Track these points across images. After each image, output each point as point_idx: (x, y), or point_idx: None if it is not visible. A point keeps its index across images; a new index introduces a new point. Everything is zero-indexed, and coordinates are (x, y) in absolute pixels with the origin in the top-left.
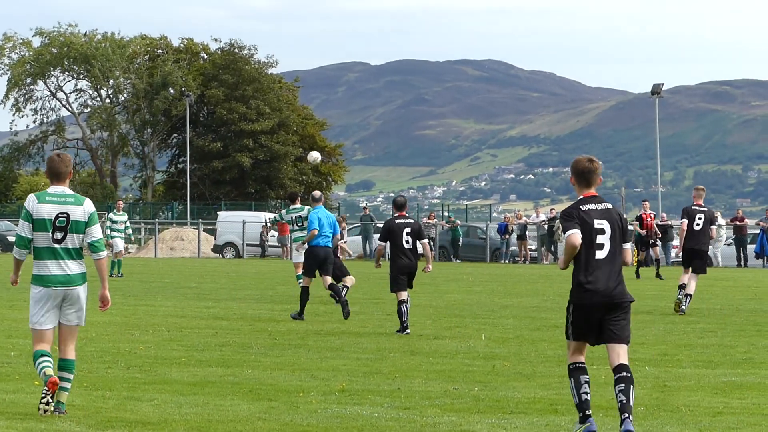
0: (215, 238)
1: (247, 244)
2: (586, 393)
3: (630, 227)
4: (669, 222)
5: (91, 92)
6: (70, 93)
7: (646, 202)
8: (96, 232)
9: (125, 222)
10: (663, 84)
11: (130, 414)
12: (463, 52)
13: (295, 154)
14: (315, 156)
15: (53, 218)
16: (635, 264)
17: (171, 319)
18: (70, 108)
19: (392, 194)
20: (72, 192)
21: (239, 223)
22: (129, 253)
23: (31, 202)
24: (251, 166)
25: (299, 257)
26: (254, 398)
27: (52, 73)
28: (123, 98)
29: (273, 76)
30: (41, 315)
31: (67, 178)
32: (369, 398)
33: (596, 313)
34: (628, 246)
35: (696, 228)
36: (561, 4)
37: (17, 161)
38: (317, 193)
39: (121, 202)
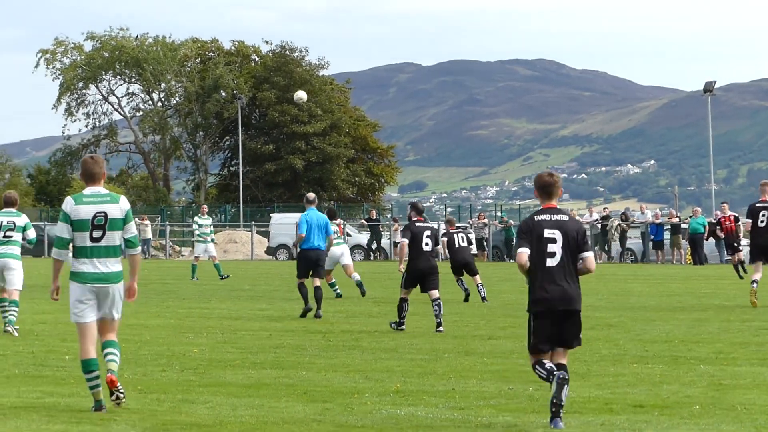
0: (268, 241)
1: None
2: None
3: (684, 226)
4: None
5: (142, 96)
6: (122, 97)
7: (725, 204)
8: (133, 228)
9: (210, 225)
10: (715, 82)
11: (185, 417)
12: (515, 52)
13: (347, 156)
14: (300, 96)
15: (91, 218)
16: (736, 266)
17: (225, 321)
18: (122, 112)
19: (445, 195)
20: (107, 191)
21: (292, 225)
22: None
23: (68, 204)
24: (303, 168)
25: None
26: (309, 400)
27: (103, 77)
28: (175, 101)
29: (324, 78)
30: (80, 309)
31: (101, 178)
32: (424, 399)
33: (553, 318)
34: (589, 254)
35: (761, 225)
36: (611, 3)
37: (70, 165)
38: (311, 195)
39: (205, 206)
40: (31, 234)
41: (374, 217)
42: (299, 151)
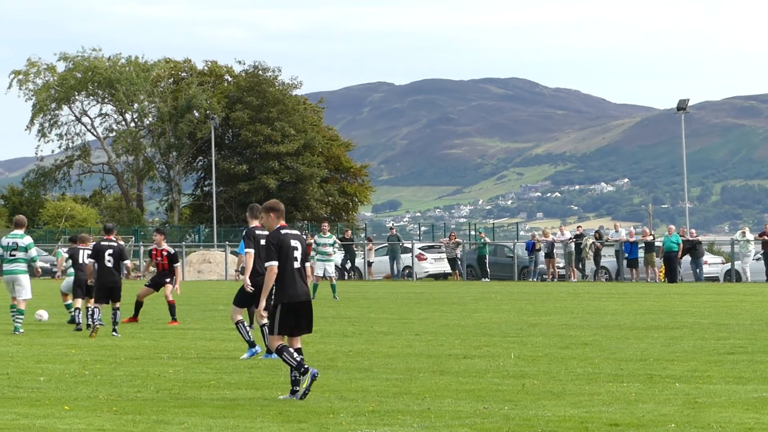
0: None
1: None
2: (297, 356)
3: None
4: (698, 238)
5: (116, 116)
6: (95, 117)
7: None
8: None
9: (331, 244)
10: (688, 100)
11: None
12: (488, 71)
13: (321, 176)
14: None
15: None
16: None
17: (200, 342)
18: (95, 132)
19: (419, 214)
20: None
21: None
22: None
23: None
24: (277, 188)
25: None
26: (284, 420)
27: (76, 97)
28: (148, 122)
29: (297, 98)
30: None
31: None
32: (399, 419)
33: (300, 309)
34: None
35: None
36: (584, 20)
37: (43, 186)
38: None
39: (326, 225)
40: (33, 253)
41: (349, 237)
42: (272, 171)
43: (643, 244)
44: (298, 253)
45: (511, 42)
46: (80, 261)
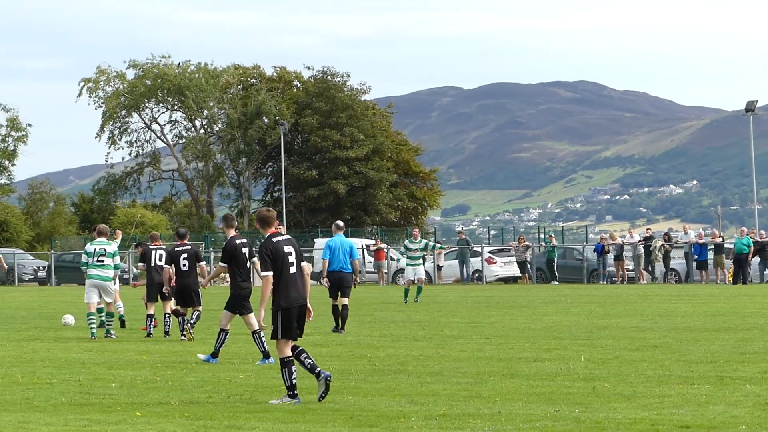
0: (312, 266)
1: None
2: (295, 378)
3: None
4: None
5: (185, 123)
6: (165, 124)
7: None
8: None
9: (422, 249)
10: (757, 101)
11: None
12: (556, 74)
13: (390, 180)
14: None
15: None
16: None
17: (270, 346)
18: (165, 139)
19: (488, 218)
20: None
21: None
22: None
23: None
24: (346, 193)
25: None
26: (355, 425)
27: (146, 105)
28: (217, 128)
29: (366, 103)
30: None
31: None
32: (470, 422)
33: (296, 313)
34: (306, 264)
35: None
36: (651, 22)
37: (114, 194)
38: (340, 223)
39: (417, 230)
40: (118, 260)
41: None
42: (342, 176)
43: (713, 246)
44: (293, 258)
45: (579, 45)
46: (153, 263)
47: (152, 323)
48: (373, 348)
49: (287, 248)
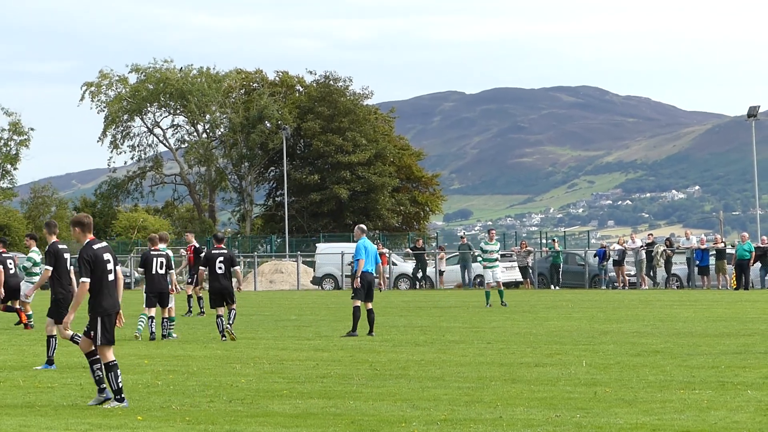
0: (314, 271)
1: (346, 276)
2: (121, 381)
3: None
4: None
5: (187, 127)
6: (167, 129)
7: None
8: None
9: (497, 251)
10: (759, 106)
11: None
12: (558, 79)
13: (392, 185)
14: None
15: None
16: None
17: (272, 351)
18: (167, 144)
19: (490, 222)
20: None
21: (338, 254)
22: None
23: None
24: (349, 198)
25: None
26: (356, 429)
27: (148, 109)
28: (219, 133)
29: (369, 107)
30: None
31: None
32: (471, 427)
33: (114, 319)
34: (120, 269)
35: None
36: (654, 27)
37: (116, 198)
38: (364, 227)
39: (493, 231)
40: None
41: (420, 246)
42: (344, 181)
43: (714, 252)
44: (111, 266)
45: (581, 50)
46: (154, 271)
47: (152, 324)
48: (374, 352)
49: (106, 255)
